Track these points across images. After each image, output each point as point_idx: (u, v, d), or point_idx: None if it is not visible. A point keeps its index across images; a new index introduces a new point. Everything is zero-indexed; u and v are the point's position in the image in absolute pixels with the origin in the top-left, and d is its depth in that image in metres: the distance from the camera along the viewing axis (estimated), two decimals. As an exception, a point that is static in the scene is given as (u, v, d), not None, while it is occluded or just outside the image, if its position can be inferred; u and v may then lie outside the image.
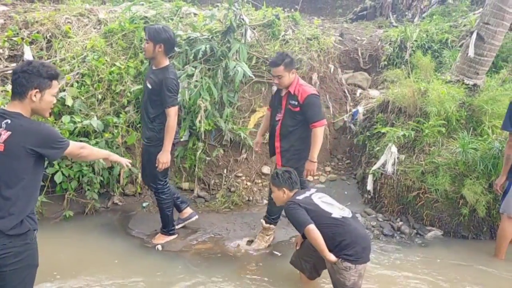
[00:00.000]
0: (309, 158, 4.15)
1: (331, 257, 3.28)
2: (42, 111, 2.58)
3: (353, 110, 6.91)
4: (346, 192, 5.93)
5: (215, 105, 5.61)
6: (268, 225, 4.45)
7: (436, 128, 5.31)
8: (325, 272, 3.61)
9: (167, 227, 4.49)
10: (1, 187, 2.45)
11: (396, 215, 5.32)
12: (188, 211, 4.76)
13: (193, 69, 5.49)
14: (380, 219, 5.23)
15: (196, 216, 4.77)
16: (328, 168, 6.48)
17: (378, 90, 7.57)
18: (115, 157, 3.16)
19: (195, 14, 6.68)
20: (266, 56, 6.37)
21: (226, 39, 5.72)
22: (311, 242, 3.35)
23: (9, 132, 2.43)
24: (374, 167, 5.52)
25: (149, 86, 4.12)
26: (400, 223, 5.13)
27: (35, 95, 2.48)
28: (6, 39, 5.69)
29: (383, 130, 5.65)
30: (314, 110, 4.13)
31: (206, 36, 5.78)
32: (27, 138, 2.44)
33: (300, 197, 3.49)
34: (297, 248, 3.82)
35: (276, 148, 4.31)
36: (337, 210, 3.45)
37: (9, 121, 2.45)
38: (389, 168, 5.31)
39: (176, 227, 4.62)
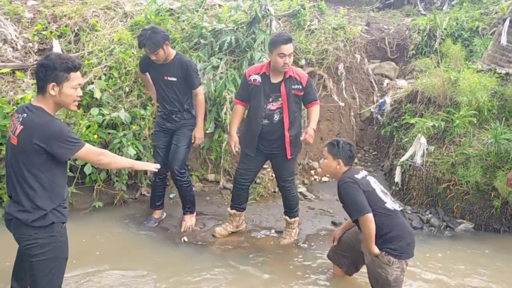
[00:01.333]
0: (312, 126, 3.98)
1: (375, 249, 3.15)
2: (66, 104, 2.54)
3: (380, 100, 6.79)
4: (373, 184, 5.84)
5: (234, 98, 5.59)
6: (293, 219, 4.42)
7: (467, 118, 5.18)
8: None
9: (193, 207, 4.67)
10: (20, 181, 2.50)
11: (425, 207, 5.23)
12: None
13: (219, 60, 5.48)
14: (409, 212, 5.14)
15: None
16: (355, 160, 6.39)
17: (406, 80, 7.42)
18: (139, 164, 3.12)
19: (220, 6, 6.66)
20: (291, 46, 6.30)
21: (251, 30, 5.69)
22: (363, 230, 3.16)
23: (21, 126, 2.44)
24: (403, 159, 5.42)
25: (174, 79, 4.28)
26: (429, 215, 5.04)
27: (52, 89, 2.46)
28: (35, 33, 5.79)
29: (411, 121, 5.54)
30: (314, 90, 4.24)
31: (231, 28, 5.76)
32: (34, 133, 2.41)
33: (358, 176, 3.25)
34: (335, 243, 3.70)
35: (286, 138, 4.06)
36: (390, 200, 3.29)
37: (25, 115, 2.46)
38: (418, 160, 5.21)
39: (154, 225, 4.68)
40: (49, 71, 2.45)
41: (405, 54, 7.90)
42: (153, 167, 3.05)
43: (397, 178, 5.47)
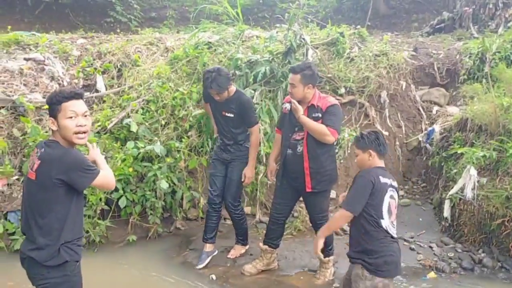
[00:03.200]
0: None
1: (321, 241, 3.14)
2: (68, 138, 2.48)
3: (429, 129, 6.41)
4: (421, 219, 5.44)
5: (275, 127, 5.46)
6: (327, 258, 4.15)
7: (522, 147, 4.72)
8: None
9: (245, 240, 4.66)
10: (35, 217, 2.47)
11: (478, 245, 4.75)
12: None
13: (253, 91, 5.43)
14: (459, 250, 4.69)
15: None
16: (401, 192, 6.01)
17: (457, 106, 6.99)
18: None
19: (257, 37, 6.66)
20: (329, 75, 6.15)
21: (287, 60, 5.61)
22: (331, 220, 3.26)
23: (39, 161, 2.43)
24: (452, 192, 5.00)
25: (231, 115, 4.31)
26: (482, 254, 4.57)
27: (53, 124, 2.48)
28: (80, 69, 6.04)
29: (460, 151, 5.13)
30: (334, 117, 3.78)
31: (266, 58, 5.71)
32: (52, 167, 2.40)
33: (382, 180, 3.00)
34: None
35: (306, 170, 3.86)
36: (388, 220, 3.01)
37: (43, 150, 2.46)
38: (469, 193, 4.78)
39: (204, 263, 4.50)
40: (49, 108, 2.50)
41: (455, 80, 7.46)
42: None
43: (446, 212, 5.04)
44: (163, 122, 5.45)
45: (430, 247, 4.80)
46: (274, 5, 13.23)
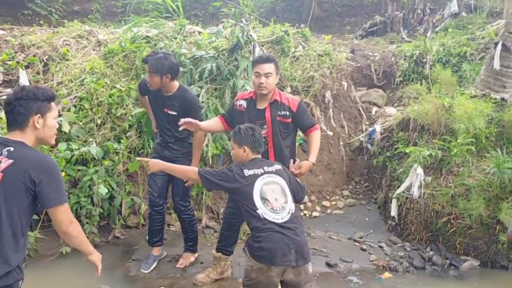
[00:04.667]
0: (310, 160, 3.62)
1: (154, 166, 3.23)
2: (48, 138, 2.29)
3: (370, 129, 6.49)
4: (367, 219, 5.46)
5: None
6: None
7: (464, 146, 4.86)
8: None
9: (195, 246, 4.35)
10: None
11: (425, 243, 4.82)
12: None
13: (199, 89, 5.12)
14: (408, 249, 4.73)
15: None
16: (345, 192, 6.03)
17: (394, 107, 7.17)
18: (96, 256, 2.52)
19: (199, 33, 6.35)
20: (276, 74, 5.99)
21: (233, 57, 5.38)
22: (183, 170, 3.31)
23: (10, 160, 2.13)
24: (398, 191, 5.05)
25: (174, 113, 3.94)
26: (431, 252, 4.64)
27: (37, 122, 2.22)
28: (0, 63, 5.36)
29: (407, 150, 5.19)
30: (309, 114, 3.88)
31: (211, 54, 5.43)
32: (30, 166, 2.12)
33: (247, 172, 3.05)
34: None
35: None
36: (266, 208, 2.96)
37: (11, 149, 2.16)
38: (415, 192, 4.84)
39: (151, 268, 4.20)
40: (30, 103, 2.21)
41: (392, 81, 7.69)
42: (100, 268, 2.53)
43: (393, 212, 5.08)
44: (99, 122, 4.97)
45: (380, 246, 4.81)
46: (207, 3, 12.96)
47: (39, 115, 2.22)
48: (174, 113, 3.94)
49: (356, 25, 11.42)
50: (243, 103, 3.76)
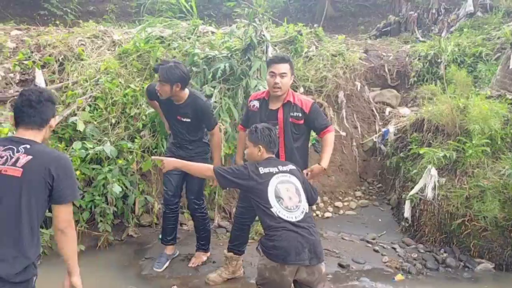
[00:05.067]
0: (322, 164, 3.61)
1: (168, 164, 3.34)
2: (47, 138, 2.48)
3: (383, 129, 6.45)
4: (380, 220, 5.43)
5: (235, 127, 5.22)
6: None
7: (480, 147, 4.80)
8: None
9: (207, 245, 4.35)
10: (9, 221, 2.15)
11: (439, 245, 4.79)
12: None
13: (212, 89, 5.13)
14: (422, 250, 4.70)
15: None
16: (358, 193, 6.00)
17: (408, 108, 7.11)
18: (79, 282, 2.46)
19: (213, 33, 6.38)
20: (288, 74, 5.98)
21: (247, 57, 5.38)
22: (198, 168, 3.38)
23: (29, 157, 2.19)
24: (412, 192, 5.01)
25: (188, 120, 3.94)
26: (445, 254, 4.60)
27: (53, 123, 2.40)
28: (16, 63, 5.44)
29: (421, 151, 5.15)
30: (322, 116, 3.79)
31: (225, 54, 5.44)
32: (50, 162, 2.22)
33: (263, 170, 3.08)
34: None
35: None
36: (280, 207, 2.98)
37: (28, 146, 2.23)
38: (429, 193, 4.80)
39: (163, 267, 4.21)
40: (52, 105, 2.39)
41: (406, 81, 7.62)
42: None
43: (407, 213, 5.04)
44: (113, 121, 5.02)
45: (393, 248, 4.78)
46: (220, 4, 12.99)
47: (54, 117, 2.40)
48: (188, 120, 3.94)
49: (370, 25, 11.36)
50: (256, 103, 3.77)
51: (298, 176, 3.18)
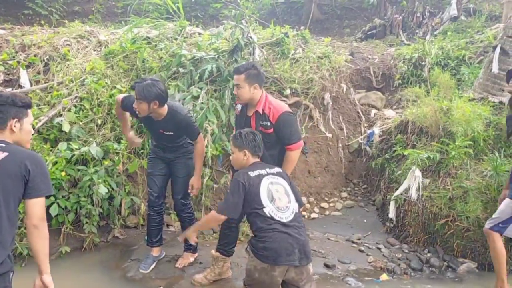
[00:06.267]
0: None
1: (192, 236, 3.45)
2: (24, 142, 2.48)
3: (368, 131, 6.52)
4: (365, 220, 5.48)
5: (222, 128, 5.23)
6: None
7: (463, 149, 4.89)
8: None
9: (195, 245, 4.23)
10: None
11: (423, 245, 4.85)
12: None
13: (199, 90, 5.15)
14: (406, 250, 4.76)
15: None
16: (344, 194, 6.05)
17: (393, 110, 7.21)
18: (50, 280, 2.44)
19: (200, 34, 6.38)
20: (275, 75, 6.03)
21: (233, 58, 5.41)
22: (203, 220, 3.59)
23: (6, 153, 2.29)
24: (397, 193, 5.07)
25: (171, 133, 3.91)
26: (429, 254, 4.67)
27: (15, 125, 2.40)
28: (1, 62, 5.37)
29: (405, 152, 5.22)
30: (289, 129, 3.57)
31: (212, 56, 5.46)
32: (25, 157, 2.31)
33: (253, 174, 3.12)
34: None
35: None
36: (272, 206, 3.02)
37: (3, 145, 2.33)
38: (413, 194, 4.87)
39: (150, 268, 4.19)
40: (8, 108, 2.40)
41: (390, 84, 7.73)
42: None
43: (391, 213, 5.10)
44: (99, 122, 4.98)
45: (378, 248, 4.83)
46: (207, 5, 13.00)
47: (16, 119, 2.40)
48: (171, 133, 3.91)
49: (356, 27, 11.48)
50: (239, 107, 3.82)
51: (286, 178, 3.23)
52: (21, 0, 10.56)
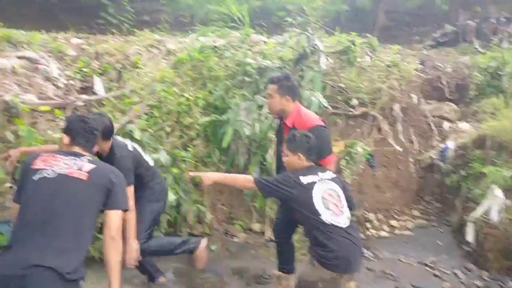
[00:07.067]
0: None
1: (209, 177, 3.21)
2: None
3: (442, 145, 6.15)
4: (440, 242, 5.13)
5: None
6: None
7: (551, 168, 4.47)
8: None
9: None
10: (72, 219, 2.27)
11: (506, 274, 4.45)
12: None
13: (264, 99, 5.07)
14: (486, 278, 4.39)
15: None
16: (415, 212, 5.74)
17: (468, 122, 6.78)
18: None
19: (264, 42, 6.33)
20: (341, 85, 5.86)
21: (299, 67, 5.28)
22: (235, 178, 3.39)
23: (93, 165, 2.42)
24: (476, 214, 4.71)
25: None
26: (512, 284, 4.29)
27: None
28: (77, 70, 5.59)
29: (484, 170, 4.85)
30: (319, 144, 3.25)
31: (277, 64, 5.38)
32: (110, 172, 2.47)
33: (305, 180, 2.95)
34: None
35: None
36: (329, 213, 2.89)
37: (90, 158, 2.49)
38: (495, 216, 4.50)
39: None
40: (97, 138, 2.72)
41: (464, 95, 7.29)
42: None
43: (470, 237, 4.73)
44: (168, 129, 5.04)
45: (455, 273, 4.49)
46: (270, 13, 12.96)
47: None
48: None
49: (425, 35, 11.01)
50: (277, 121, 3.77)
51: (339, 183, 3.10)
52: (94, 10, 11.05)
